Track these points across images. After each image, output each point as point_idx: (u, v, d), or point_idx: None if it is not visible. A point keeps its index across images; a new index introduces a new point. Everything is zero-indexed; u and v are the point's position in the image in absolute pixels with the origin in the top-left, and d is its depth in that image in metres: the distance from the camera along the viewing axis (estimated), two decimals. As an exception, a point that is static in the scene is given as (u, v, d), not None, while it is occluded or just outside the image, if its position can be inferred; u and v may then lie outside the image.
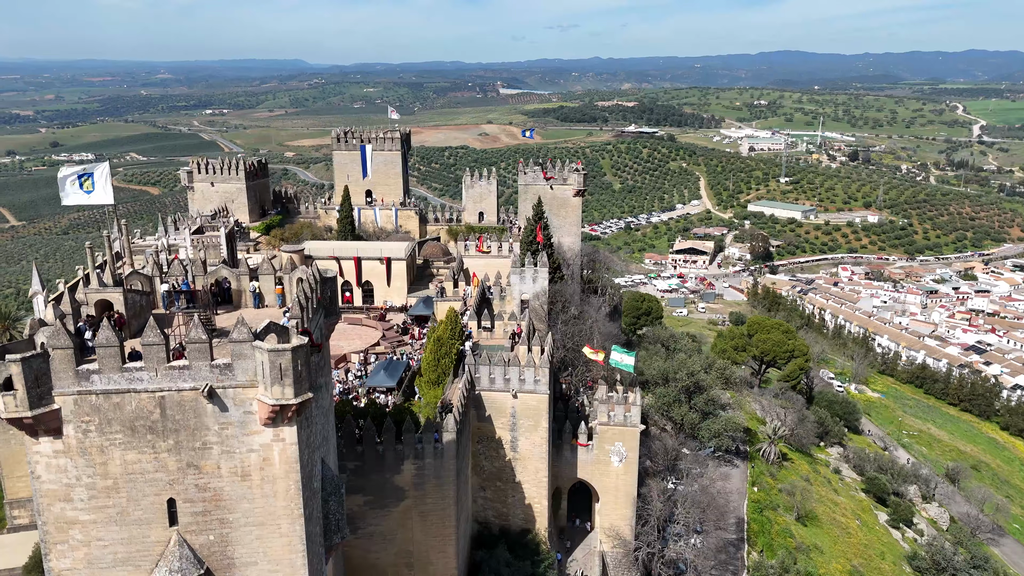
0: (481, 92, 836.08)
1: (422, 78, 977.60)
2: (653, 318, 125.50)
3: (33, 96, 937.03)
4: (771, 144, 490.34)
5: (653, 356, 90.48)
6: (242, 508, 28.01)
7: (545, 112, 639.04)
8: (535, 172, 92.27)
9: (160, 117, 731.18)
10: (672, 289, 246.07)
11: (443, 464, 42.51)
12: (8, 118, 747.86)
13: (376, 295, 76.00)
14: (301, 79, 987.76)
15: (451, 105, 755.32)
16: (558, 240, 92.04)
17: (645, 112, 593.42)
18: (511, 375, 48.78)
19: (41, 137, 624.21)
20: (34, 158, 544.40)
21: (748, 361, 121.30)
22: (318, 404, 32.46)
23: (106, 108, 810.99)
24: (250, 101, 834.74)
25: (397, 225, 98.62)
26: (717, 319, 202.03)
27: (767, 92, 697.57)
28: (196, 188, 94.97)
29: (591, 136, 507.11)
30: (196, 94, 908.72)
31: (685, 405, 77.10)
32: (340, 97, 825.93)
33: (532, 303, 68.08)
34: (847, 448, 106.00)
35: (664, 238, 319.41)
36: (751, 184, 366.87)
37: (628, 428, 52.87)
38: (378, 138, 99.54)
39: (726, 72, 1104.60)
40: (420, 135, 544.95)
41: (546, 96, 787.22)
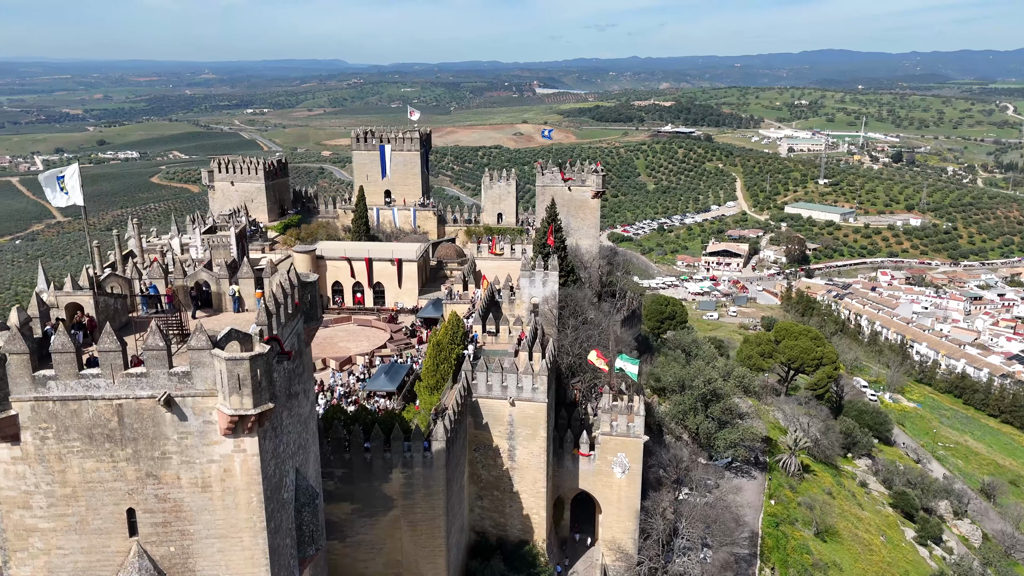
0: (517, 92, 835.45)
1: (459, 78, 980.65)
2: (677, 322, 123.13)
3: (82, 95, 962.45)
4: (811, 145, 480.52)
5: (672, 362, 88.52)
6: (203, 520, 27.34)
7: (580, 112, 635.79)
8: (553, 173, 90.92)
9: (203, 116, 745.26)
10: (704, 292, 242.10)
11: (432, 474, 41.52)
12: (58, 117, 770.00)
13: (387, 296, 75.49)
14: (340, 79, 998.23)
15: (487, 105, 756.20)
16: (575, 242, 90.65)
17: (682, 112, 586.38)
18: (508, 382, 47.59)
19: (89, 135, 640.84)
20: (81, 156, 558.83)
21: (775, 368, 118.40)
22: (292, 412, 31.75)
23: (152, 107, 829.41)
24: (290, 100, 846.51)
25: (415, 226, 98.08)
26: (748, 323, 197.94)
27: (808, 92, 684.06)
28: (217, 187, 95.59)
29: (626, 136, 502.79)
30: (238, 94, 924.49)
31: (701, 414, 75.01)
32: (378, 97, 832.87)
33: (542, 307, 66.76)
34: (876, 460, 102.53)
35: (698, 240, 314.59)
36: (788, 185, 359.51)
37: (631, 439, 51.29)
38: (397, 138, 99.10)
39: (767, 71, 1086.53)
40: (455, 135, 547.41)
41: (582, 96, 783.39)
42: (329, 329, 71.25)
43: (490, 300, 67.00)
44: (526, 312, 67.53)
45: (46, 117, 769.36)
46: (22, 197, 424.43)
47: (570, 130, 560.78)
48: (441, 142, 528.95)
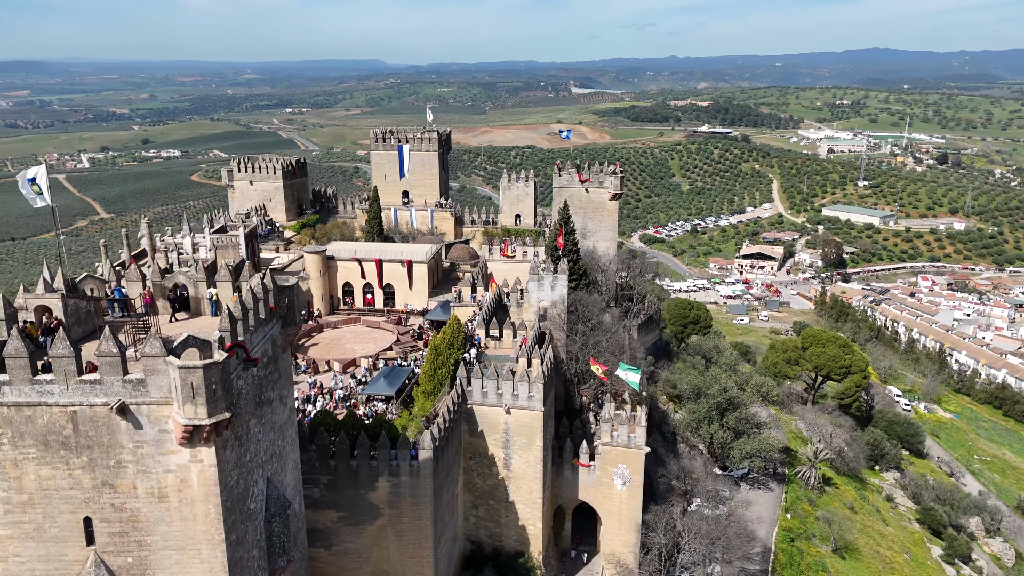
0: (553, 91, 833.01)
1: (495, 78, 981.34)
2: (701, 327, 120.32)
3: (129, 95, 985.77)
4: (852, 146, 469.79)
5: (690, 369, 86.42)
6: (160, 531, 26.74)
7: (616, 111, 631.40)
8: (570, 174, 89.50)
9: (243, 116, 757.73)
10: (736, 295, 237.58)
11: (419, 483, 40.56)
12: (105, 116, 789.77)
13: (397, 298, 74.87)
14: (378, 79, 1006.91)
15: (523, 104, 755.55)
16: (592, 245, 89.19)
17: (719, 112, 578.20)
18: (504, 389, 46.45)
19: (133, 134, 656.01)
20: (125, 154, 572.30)
21: (801, 375, 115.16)
22: (263, 420, 31.05)
23: (195, 107, 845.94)
24: (328, 100, 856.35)
25: (433, 226, 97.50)
26: (780, 328, 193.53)
27: (851, 91, 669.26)
28: (236, 186, 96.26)
29: (662, 136, 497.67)
30: (278, 93, 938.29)
31: (716, 423, 72.89)
32: (414, 97, 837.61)
33: (550, 311, 65.48)
34: (905, 473, 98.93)
35: (731, 242, 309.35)
36: (827, 187, 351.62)
37: (632, 450, 49.74)
38: (415, 138, 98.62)
39: (809, 71, 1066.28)
40: (489, 134, 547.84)
41: (618, 95, 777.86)
42: (337, 330, 71.00)
43: (498, 303, 65.96)
44: (534, 316, 66.34)
45: (93, 116, 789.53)
46: (68, 194, 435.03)
47: (605, 130, 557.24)
48: (475, 142, 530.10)
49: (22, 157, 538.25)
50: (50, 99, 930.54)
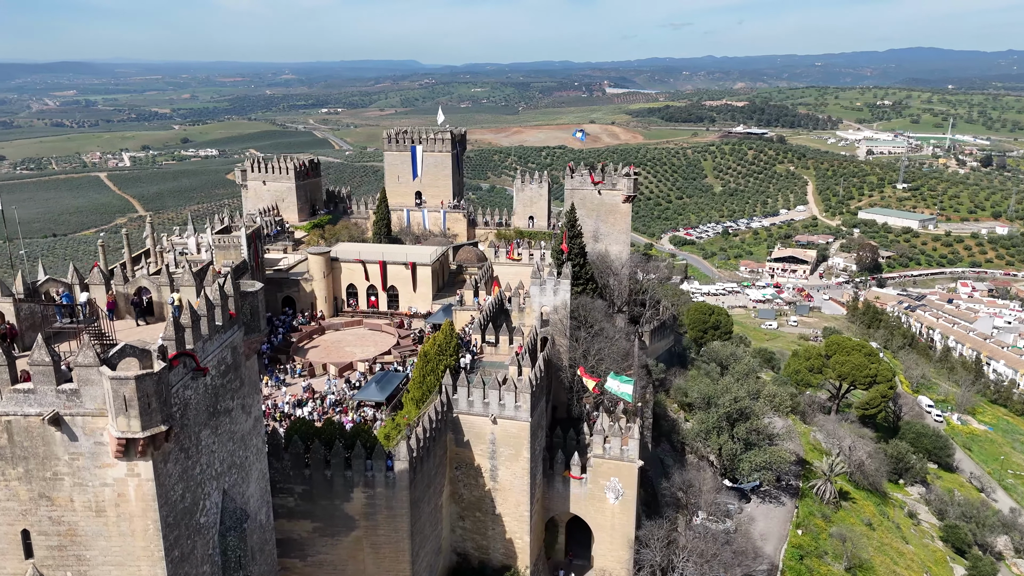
0: (587, 91, 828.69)
1: (529, 78, 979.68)
2: (722, 332, 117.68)
3: (171, 95, 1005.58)
4: (892, 147, 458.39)
5: (703, 377, 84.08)
6: (99, 546, 25.94)
7: (650, 112, 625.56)
8: (583, 176, 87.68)
9: (280, 116, 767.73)
10: (765, 300, 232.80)
11: (395, 495, 39.41)
12: (148, 115, 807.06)
13: (401, 300, 74.03)
14: (413, 79, 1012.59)
15: (556, 105, 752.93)
16: (604, 248, 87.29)
17: (755, 112, 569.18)
18: (490, 398, 45.06)
19: (174, 133, 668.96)
20: (165, 153, 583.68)
21: (825, 384, 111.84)
22: (219, 431, 30.15)
23: (234, 107, 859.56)
24: (363, 100, 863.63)
25: (445, 227, 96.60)
26: (809, 334, 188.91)
27: (893, 91, 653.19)
28: (249, 186, 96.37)
29: (695, 136, 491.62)
30: (315, 94, 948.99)
31: (725, 433, 70.57)
32: (448, 97, 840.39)
33: (552, 317, 63.89)
34: (930, 488, 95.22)
35: (763, 245, 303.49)
36: (864, 190, 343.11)
37: (625, 463, 47.97)
38: (428, 139, 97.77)
39: (850, 70, 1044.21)
40: (521, 134, 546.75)
41: (653, 95, 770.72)
42: (339, 332, 70.38)
43: (499, 308, 64.62)
44: (536, 321, 64.86)
45: (136, 116, 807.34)
46: (109, 192, 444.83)
47: (638, 130, 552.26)
48: (507, 142, 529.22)
49: (66, 156, 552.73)
50: (95, 99, 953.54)
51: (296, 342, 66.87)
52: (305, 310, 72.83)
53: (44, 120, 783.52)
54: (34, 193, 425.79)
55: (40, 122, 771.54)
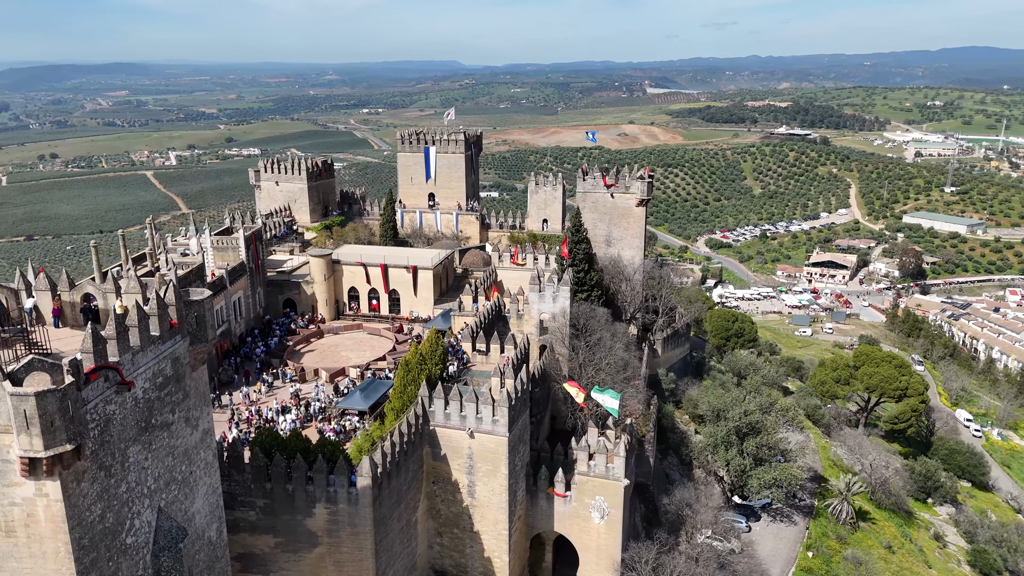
0: (627, 92, 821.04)
1: (569, 78, 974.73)
2: (745, 340, 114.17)
3: (218, 96, 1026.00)
4: (942, 149, 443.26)
5: (717, 388, 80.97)
6: (10, 567, 24.89)
7: (690, 112, 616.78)
8: (595, 178, 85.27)
9: (322, 116, 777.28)
10: (801, 305, 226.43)
11: (358, 511, 37.89)
12: (195, 115, 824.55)
13: (403, 304, 72.71)
14: (453, 79, 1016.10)
15: (595, 105, 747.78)
16: (617, 253, 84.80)
17: (799, 113, 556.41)
18: (467, 411, 43.27)
19: (219, 133, 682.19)
20: (210, 152, 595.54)
21: (852, 396, 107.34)
22: (153, 446, 29.00)
23: (278, 107, 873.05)
24: (404, 101, 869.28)
25: (457, 230, 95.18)
26: (844, 342, 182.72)
27: (944, 92, 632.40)
28: (263, 187, 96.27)
29: (736, 137, 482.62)
30: (357, 94, 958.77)
31: (735, 448, 67.56)
32: (488, 97, 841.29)
33: (550, 324, 61.86)
34: (961, 509, 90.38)
35: (802, 249, 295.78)
36: (910, 193, 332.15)
37: (611, 482, 45.70)
38: (442, 140, 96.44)
39: (900, 70, 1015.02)
40: (558, 135, 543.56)
41: (694, 95, 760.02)
42: (338, 336, 69.36)
43: (496, 314, 62.83)
44: (535, 329, 62.91)
45: (184, 115, 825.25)
46: (154, 189, 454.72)
47: (677, 131, 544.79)
48: (544, 142, 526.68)
49: (116, 154, 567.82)
50: (146, 99, 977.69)
51: (292, 345, 66.02)
52: (306, 313, 72.02)
53: (97, 120, 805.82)
54: (83, 190, 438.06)
55: (93, 121, 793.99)
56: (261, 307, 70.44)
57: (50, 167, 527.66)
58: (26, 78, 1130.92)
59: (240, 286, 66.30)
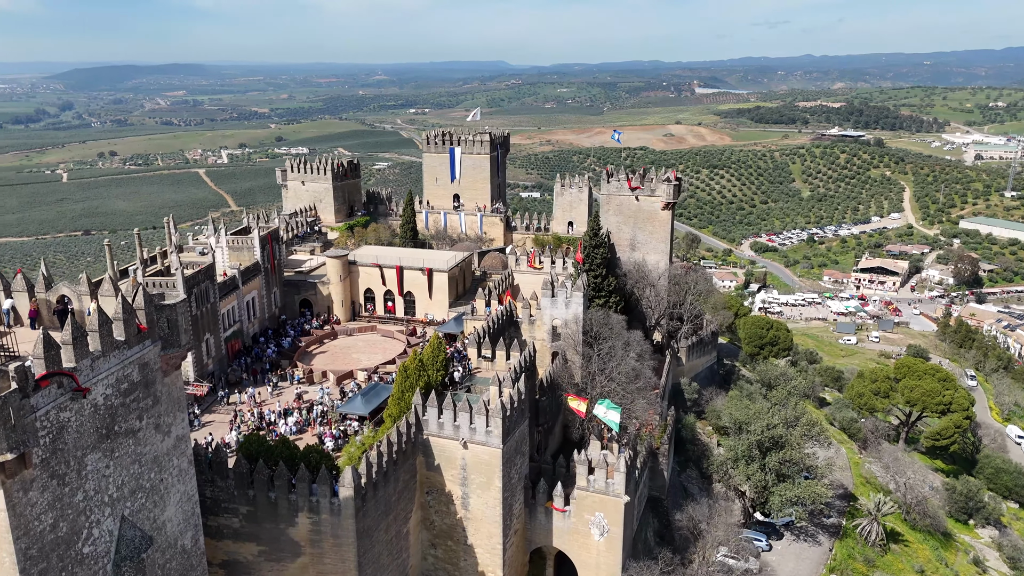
0: (675, 92, 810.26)
1: (617, 78, 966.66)
2: (780, 348, 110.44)
3: (271, 95, 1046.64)
4: (1004, 152, 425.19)
5: (743, 399, 78.01)
6: (-42, 573, 24.44)
7: (739, 112, 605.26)
8: (620, 181, 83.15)
9: (369, 115, 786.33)
10: (847, 312, 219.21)
11: (340, 522, 36.90)
12: (247, 115, 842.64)
13: (418, 307, 71.82)
14: (500, 80, 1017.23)
15: (642, 105, 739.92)
16: (642, 257, 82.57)
17: (852, 114, 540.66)
18: (461, 421, 41.95)
19: (269, 132, 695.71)
20: (260, 150, 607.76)
21: (892, 410, 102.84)
22: (115, 454, 28.48)
23: (327, 107, 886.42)
24: (450, 101, 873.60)
25: (482, 231, 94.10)
26: (891, 351, 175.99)
27: (1008, 92, 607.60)
28: (289, 186, 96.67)
29: (786, 139, 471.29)
30: (404, 94, 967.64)
31: (756, 463, 64.78)
32: (534, 98, 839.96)
33: (563, 330, 60.22)
34: (1005, 531, 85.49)
35: (851, 253, 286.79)
36: (968, 197, 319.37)
37: (610, 498, 43.86)
38: (467, 140, 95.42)
39: (962, 70, 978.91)
40: (603, 135, 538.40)
41: (744, 96, 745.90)
42: (351, 338, 68.83)
43: (508, 319, 61.37)
44: (546, 336, 61.34)
45: (237, 115, 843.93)
46: (205, 187, 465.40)
47: (725, 131, 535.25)
48: (588, 143, 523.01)
49: (171, 152, 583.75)
50: (202, 99, 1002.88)
51: (305, 346, 65.69)
52: (322, 313, 71.70)
53: (155, 119, 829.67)
54: (139, 187, 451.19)
55: (151, 120, 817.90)
56: (277, 307, 70.37)
57: (108, 164, 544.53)
58: (90, 78, 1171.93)
59: (254, 286, 66.24)
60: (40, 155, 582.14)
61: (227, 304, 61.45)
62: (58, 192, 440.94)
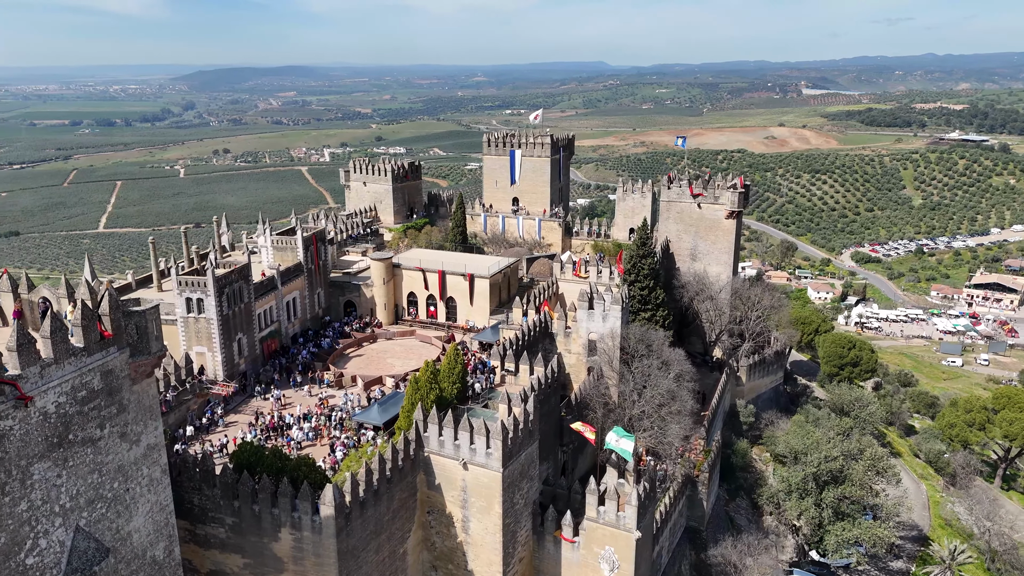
0: (780, 92, 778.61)
1: (719, 78, 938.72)
2: (862, 370, 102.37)
3: (374, 96, 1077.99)
4: None
5: (808, 425, 72.11)
6: None
7: (848, 114, 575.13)
8: (681, 187, 78.81)
9: (466, 116, 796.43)
10: (956, 331, 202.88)
11: (322, 541, 35.41)
12: (351, 115, 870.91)
13: (459, 313, 70.14)
14: (598, 80, 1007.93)
15: (744, 106, 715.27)
16: (703, 268, 78.04)
17: (976, 116, 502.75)
18: (461, 440, 39.73)
19: (370, 132, 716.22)
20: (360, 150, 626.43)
21: (987, 443, 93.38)
22: (69, 463, 27.95)
23: (427, 107, 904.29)
24: (547, 102, 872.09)
25: (540, 236, 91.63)
26: (1002, 376, 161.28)
27: None
28: (352, 187, 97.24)
29: (899, 143, 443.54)
30: (502, 95, 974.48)
31: (811, 498, 59.34)
32: (631, 98, 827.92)
33: (600, 345, 57.01)
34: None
35: (963, 268, 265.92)
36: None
37: (621, 532, 40.52)
38: (528, 143, 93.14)
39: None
40: (700, 137, 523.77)
41: (855, 97, 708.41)
42: (390, 342, 67.92)
43: (542, 331, 58.69)
44: (582, 350, 58.28)
45: (342, 115, 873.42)
46: (307, 184, 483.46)
47: (832, 134, 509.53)
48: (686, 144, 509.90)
49: (278, 151, 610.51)
50: (311, 100, 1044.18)
51: (342, 349, 65.20)
52: (364, 316, 71.17)
53: (267, 118, 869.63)
54: (247, 183, 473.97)
55: (263, 120, 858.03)
56: (321, 308, 70.31)
57: (221, 161, 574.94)
58: (211, 80, 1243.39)
59: (296, 286, 66.31)
60: (162, 151, 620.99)
61: (264, 304, 61.63)
62: (175, 186, 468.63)
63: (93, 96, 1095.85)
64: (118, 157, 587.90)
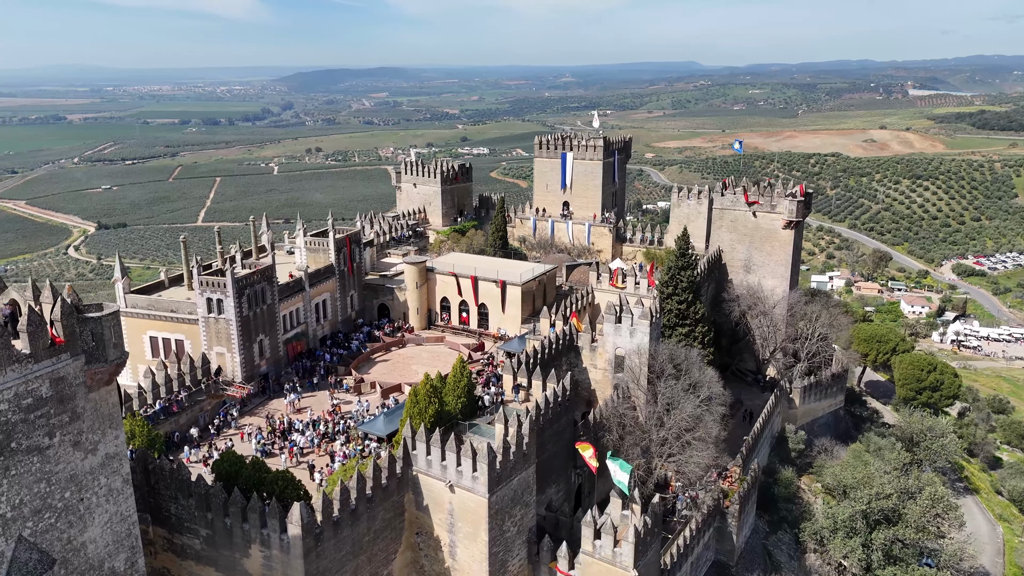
0: (884, 93, 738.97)
1: (817, 79, 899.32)
2: (943, 396, 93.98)
3: (463, 97, 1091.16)
4: None
5: (868, 455, 66.09)
6: None
7: (958, 117, 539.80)
8: (736, 194, 73.97)
9: (551, 117, 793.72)
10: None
11: (290, 562, 33.90)
12: (439, 115, 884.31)
13: (491, 320, 67.98)
14: (688, 80, 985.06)
15: (843, 108, 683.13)
16: (758, 281, 73.12)
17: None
18: (448, 461, 37.46)
19: (456, 132, 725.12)
20: (445, 150, 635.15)
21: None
22: (13, 472, 27.23)
23: (513, 108, 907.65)
24: (634, 103, 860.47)
25: (589, 242, 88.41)
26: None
27: None
28: (403, 188, 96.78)
29: (1014, 147, 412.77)
30: (589, 96, 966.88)
31: (859, 537, 53.92)
32: (722, 99, 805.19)
33: (627, 362, 53.59)
34: None
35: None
36: None
37: (616, 569, 37.25)
38: (580, 146, 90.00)
39: None
40: (793, 139, 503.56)
41: (967, 98, 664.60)
42: (418, 348, 66.50)
43: (568, 344, 55.73)
44: (608, 366, 54.99)
45: (430, 115, 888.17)
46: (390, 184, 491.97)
47: (938, 138, 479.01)
48: (775, 147, 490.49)
49: (367, 150, 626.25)
50: (401, 100, 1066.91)
51: (369, 353, 64.17)
52: (397, 320, 70.01)
53: (359, 118, 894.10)
54: (335, 181, 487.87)
55: (355, 120, 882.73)
56: (354, 310, 69.59)
57: (313, 159, 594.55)
58: (309, 81, 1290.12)
59: (327, 288, 65.73)
60: (259, 149, 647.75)
61: (290, 306, 61.22)
62: (269, 183, 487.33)
63: (201, 96, 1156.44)
64: (219, 155, 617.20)
